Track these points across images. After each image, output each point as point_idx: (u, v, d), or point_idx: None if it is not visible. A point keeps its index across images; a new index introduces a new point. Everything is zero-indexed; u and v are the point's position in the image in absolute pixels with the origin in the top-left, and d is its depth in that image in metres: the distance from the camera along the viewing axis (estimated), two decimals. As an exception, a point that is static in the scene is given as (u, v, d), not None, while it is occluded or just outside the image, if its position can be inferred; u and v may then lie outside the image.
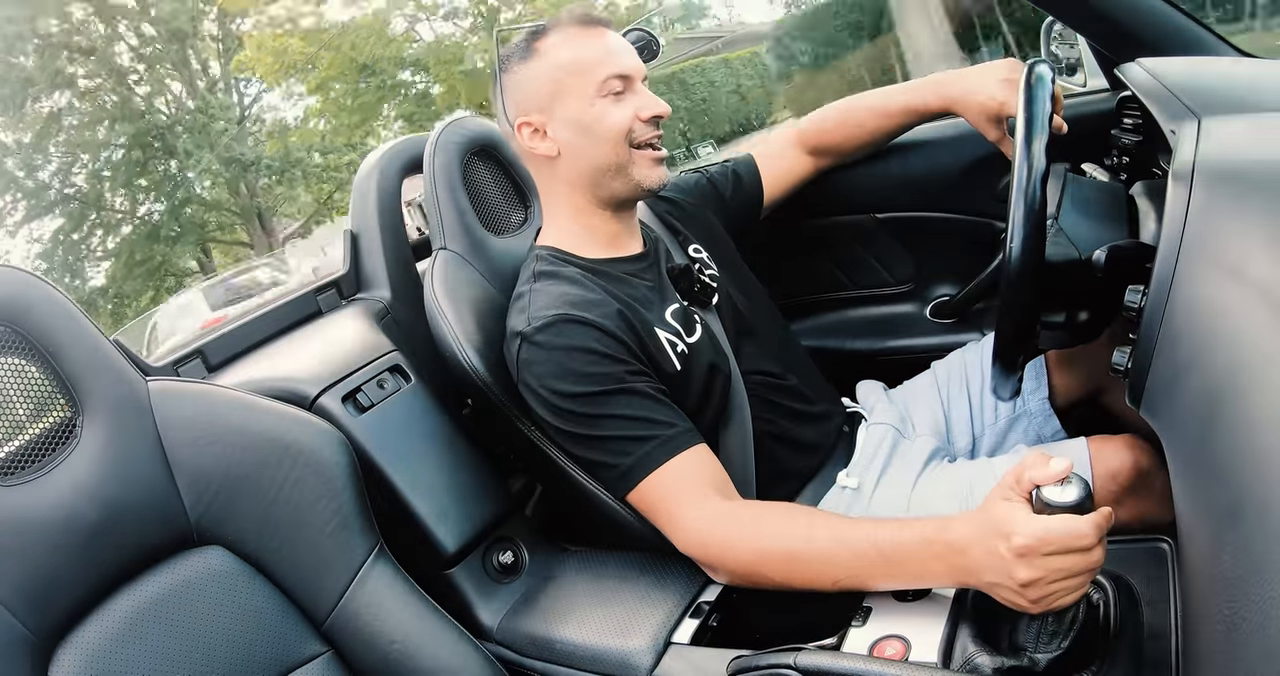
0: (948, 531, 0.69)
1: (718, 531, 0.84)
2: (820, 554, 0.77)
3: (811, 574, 0.78)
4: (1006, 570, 0.63)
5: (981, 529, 0.66)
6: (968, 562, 0.67)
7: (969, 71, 1.11)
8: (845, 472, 1.03)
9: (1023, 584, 0.62)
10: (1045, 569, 0.61)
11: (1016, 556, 0.62)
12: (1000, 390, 0.82)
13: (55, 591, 0.74)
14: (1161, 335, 0.62)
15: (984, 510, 0.67)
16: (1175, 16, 0.94)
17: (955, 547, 0.68)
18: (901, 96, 1.18)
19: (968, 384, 1.17)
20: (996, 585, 0.65)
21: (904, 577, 0.74)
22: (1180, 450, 0.57)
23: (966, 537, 0.67)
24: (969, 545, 0.67)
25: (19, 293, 0.79)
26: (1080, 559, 0.60)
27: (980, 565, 0.65)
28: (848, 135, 1.25)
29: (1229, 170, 0.65)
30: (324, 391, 1.06)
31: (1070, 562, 0.60)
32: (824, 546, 0.77)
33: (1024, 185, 0.72)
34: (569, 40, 1.00)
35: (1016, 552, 0.62)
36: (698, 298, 1.07)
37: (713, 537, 0.84)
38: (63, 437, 0.79)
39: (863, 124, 1.23)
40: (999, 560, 0.63)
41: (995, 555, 0.64)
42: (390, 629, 0.85)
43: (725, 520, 0.84)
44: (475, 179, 1.20)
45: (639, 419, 0.88)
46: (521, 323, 0.93)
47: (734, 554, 0.82)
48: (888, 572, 0.74)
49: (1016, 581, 0.62)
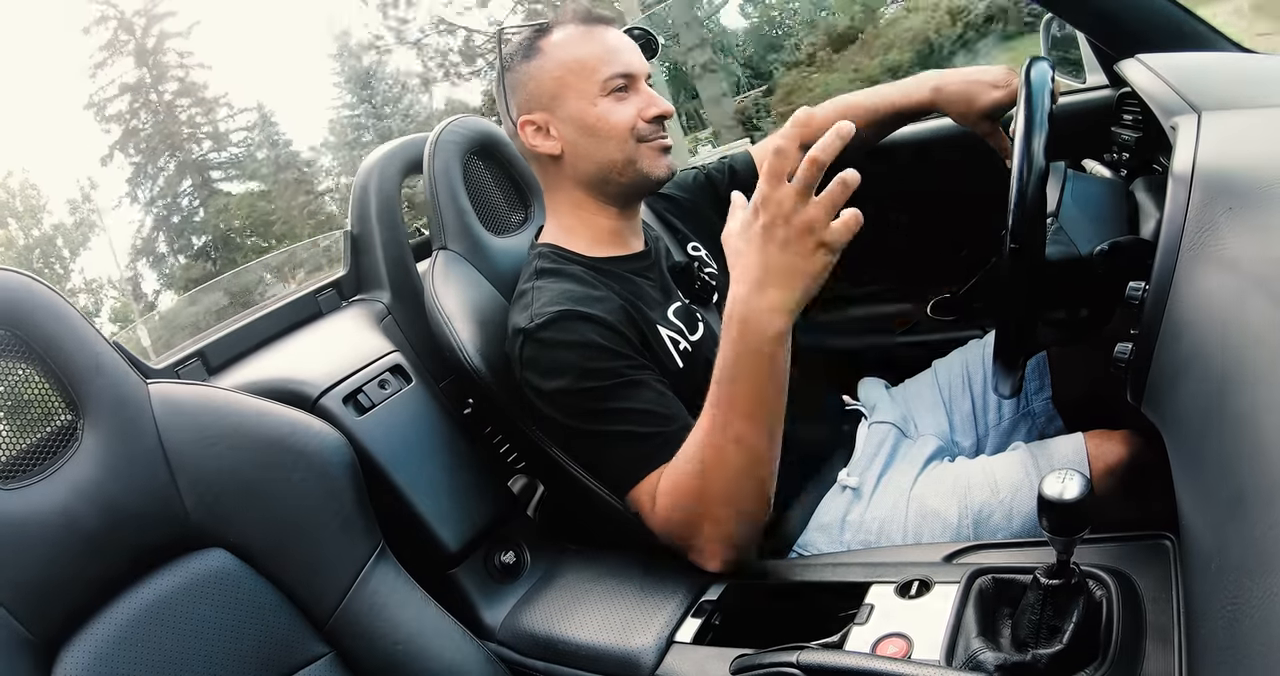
0: (728, 320, 0.76)
1: (662, 498, 0.86)
2: (708, 437, 0.80)
3: (725, 457, 0.80)
4: (757, 258, 0.73)
5: (734, 284, 0.75)
6: (744, 309, 0.74)
7: (960, 70, 1.13)
8: (845, 471, 1.03)
9: (774, 244, 0.71)
10: (772, 228, 0.71)
11: (742, 240, 0.74)
12: (1001, 387, 0.82)
13: (57, 594, 0.74)
14: (1163, 329, 0.62)
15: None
16: (1174, 12, 0.94)
17: (734, 317, 0.75)
18: (893, 94, 1.18)
19: (970, 384, 1.17)
20: (766, 269, 0.73)
21: (758, 377, 0.77)
22: (1182, 444, 0.57)
23: (731, 301, 0.76)
24: (734, 301, 0.75)
25: (19, 296, 0.79)
26: (787, 204, 0.70)
27: (748, 297, 0.74)
28: None
29: (1229, 166, 0.65)
30: (325, 392, 1.06)
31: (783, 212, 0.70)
32: (704, 431, 0.81)
33: (1023, 182, 0.72)
34: (572, 39, 1.00)
35: (739, 239, 0.75)
36: (699, 295, 1.07)
37: (663, 503, 0.86)
38: (63, 441, 0.79)
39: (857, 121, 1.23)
40: (747, 265, 0.74)
41: (744, 270, 0.74)
42: (392, 629, 0.85)
43: (662, 489, 0.86)
44: (475, 179, 1.20)
45: (644, 413, 0.88)
46: (524, 319, 0.93)
47: (684, 506, 0.84)
48: (748, 393, 0.77)
49: (767, 244, 0.72)
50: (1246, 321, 0.51)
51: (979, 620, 0.68)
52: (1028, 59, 0.79)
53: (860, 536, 0.95)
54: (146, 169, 16.23)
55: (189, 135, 16.17)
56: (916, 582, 0.76)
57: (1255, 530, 0.42)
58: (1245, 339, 0.50)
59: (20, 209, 17.05)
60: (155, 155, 16.10)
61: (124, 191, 16.62)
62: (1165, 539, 0.71)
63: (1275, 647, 0.38)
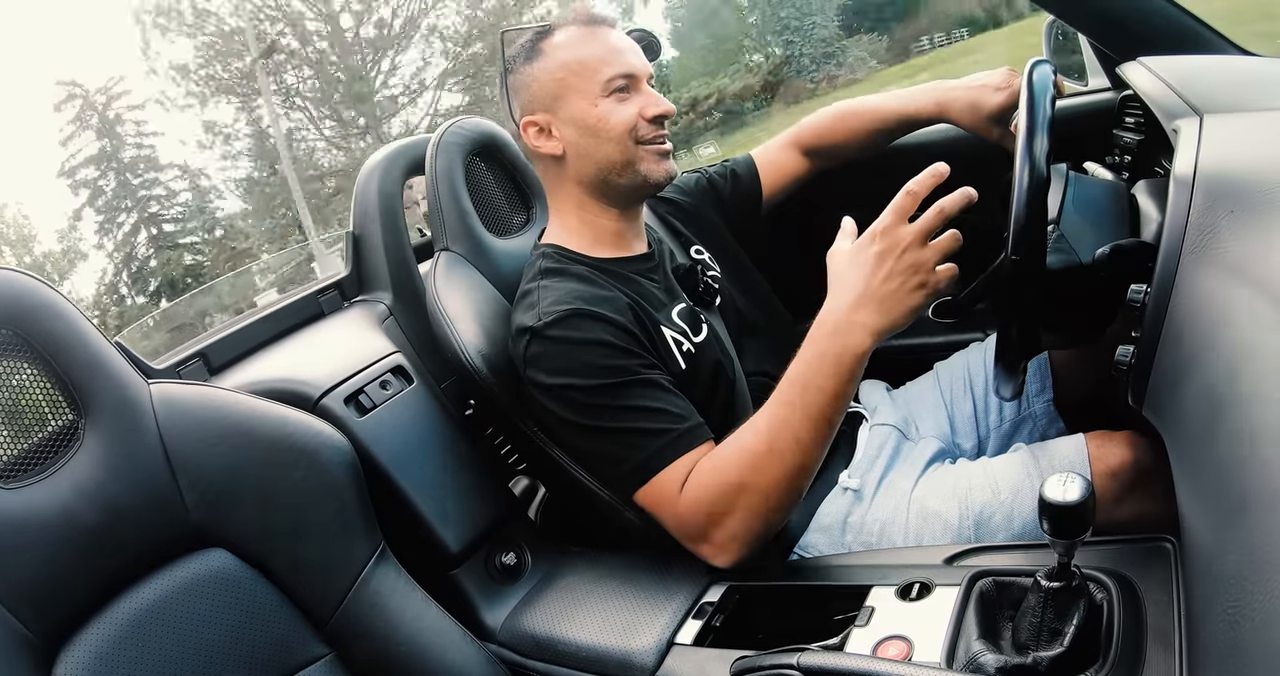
0: (818, 326, 0.82)
1: (695, 487, 0.86)
2: (768, 431, 0.83)
3: (780, 454, 0.82)
4: (862, 280, 0.79)
5: (831, 298, 0.82)
6: (839, 321, 0.80)
7: (964, 79, 1.13)
8: (846, 473, 1.02)
9: (882, 272, 0.78)
10: (884, 258, 0.78)
11: (850, 262, 0.80)
12: (1002, 390, 0.82)
13: (57, 593, 0.74)
14: (1164, 333, 0.62)
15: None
16: (1177, 15, 0.94)
17: (826, 324, 0.81)
18: (897, 103, 1.19)
19: (971, 386, 1.17)
20: (868, 293, 0.79)
21: (832, 386, 0.81)
22: (1183, 447, 0.57)
23: (826, 311, 0.82)
24: (830, 311, 0.81)
25: (22, 296, 0.79)
26: (905, 240, 0.77)
27: (847, 312, 0.79)
28: (843, 138, 1.25)
29: (1231, 169, 0.65)
30: (327, 393, 1.06)
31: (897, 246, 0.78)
32: (765, 425, 0.83)
33: (1025, 184, 0.72)
34: (573, 40, 1.00)
35: (849, 260, 0.81)
36: (702, 298, 1.08)
37: (693, 493, 0.86)
38: (65, 440, 0.79)
39: (858, 128, 1.24)
40: (851, 284, 0.80)
41: (848, 287, 0.80)
42: (393, 630, 0.85)
43: (697, 476, 0.87)
44: (477, 180, 1.20)
45: (652, 410, 0.89)
46: (531, 319, 0.93)
47: (719, 495, 0.84)
48: (818, 398, 0.81)
49: (877, 271, 0.78)
50: (1248, 324, 0.51)
51: (980, 622, 0.68)
52: (1030, 61, 0.79)
53: (861, 538, 0.95)
54: (108, 226, 19.15)
55: (142, 197, 19.02)
56: (917, 585, 0.76)
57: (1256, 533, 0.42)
58: (1247, 342, 0.50)
59: (14, 238, 19.16)
60: (116, 213, 18.94)
61: (94, 242, 19.50)
62: (1166, 541, 0.71)
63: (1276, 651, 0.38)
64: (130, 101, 18.71)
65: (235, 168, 18.87)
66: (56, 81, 18.59)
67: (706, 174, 1.27)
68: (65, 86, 18.29)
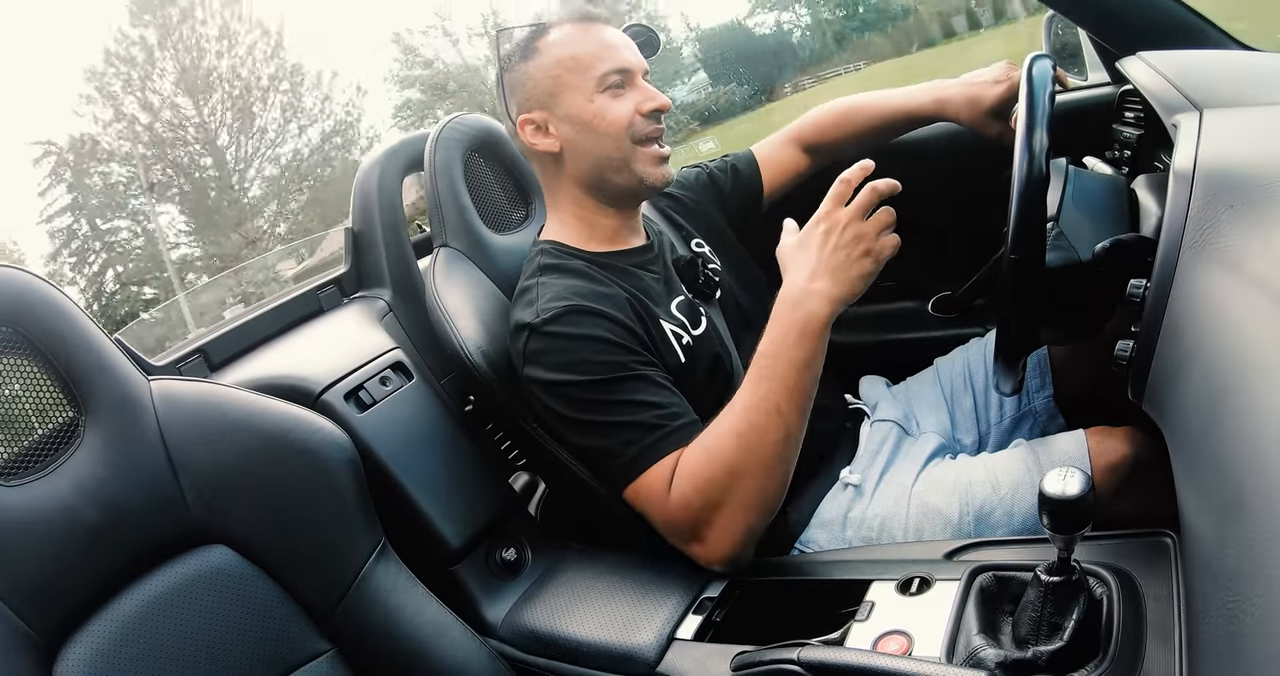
0: (781, 300, 0.87)
1: (682, 479, 0.86)
2: (746, 410, 0.85)
3: (762, 429, 0.84)
4: (813, 256, 0.85)
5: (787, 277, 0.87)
6: (798, 292, 0.85)
7: (963, 77, 1.14)
8: (848, 469, 1.03)
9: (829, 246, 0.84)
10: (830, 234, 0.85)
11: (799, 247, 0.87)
12: (1002, 385, 0.82)
13: (58, 590, 0.74)
14: (1164, 327, 0.62)
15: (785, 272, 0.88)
16: (1176, 9, 0.94)
17: (787, 299, 0.86)
18: (898, 100, 1.20)
19: (971, 382, 1.17)
20: (820, 266, 0.84)
21: (802, 356, 0.85)
22: (1182, 442, 0.57)
23: (786, 288, 0.87)
24: (789, 287, 0.86)
25: (21, 293, 0.79)
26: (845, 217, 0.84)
27: (804, 284, 0.85)
28: (843, 135, 1.25)
29: (1230, 163, 0.64)
30: (327, 389, 1.06)
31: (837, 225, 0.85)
32: (743, 404, 0.86)
33: (1024, 180, 0.72)
34: (569, 37, 1.00)
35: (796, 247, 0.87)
36: (702, 291, 1.08)
37: (680, 486, 0.86)
38: (65, 438, 0.79)
39: (859, 125, 1.24)
40: (804, 261, 0.86)
41: (801, 265, 0.86)
42: (394, 626, 0.85)
43: (683, 468, 0.87)
44: (476, 176, 1.20)
45: (650, 404, 0.89)
46: (529, 315, 0.93)
47: (708, 483, 0.85)
48: (789, 367, 0.85)
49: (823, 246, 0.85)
50: (1247, 319, 0.51)
51: (980, 617, 0.69)
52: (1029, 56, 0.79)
53: (862, 533, 0.96)
54: (79, 266, 21.59)
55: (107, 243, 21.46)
56: (917, 580, 0.76)
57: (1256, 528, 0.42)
58: (1246, 337, 0.50)
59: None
60: (86, 256, 21.42)
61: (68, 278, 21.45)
62: (1166, 536, 0.71)
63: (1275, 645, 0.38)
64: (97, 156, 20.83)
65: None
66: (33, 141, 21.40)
67: (707, 169, 1.27)
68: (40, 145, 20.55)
